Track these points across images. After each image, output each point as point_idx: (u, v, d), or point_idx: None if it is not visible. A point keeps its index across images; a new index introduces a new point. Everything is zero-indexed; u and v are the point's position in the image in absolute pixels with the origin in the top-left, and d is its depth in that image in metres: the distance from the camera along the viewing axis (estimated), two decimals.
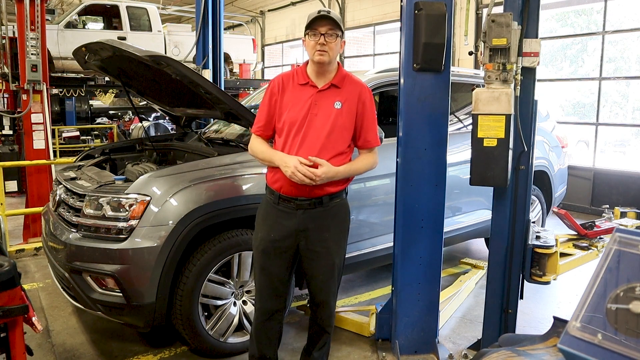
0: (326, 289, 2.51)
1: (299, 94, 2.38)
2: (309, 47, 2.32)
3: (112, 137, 12.40)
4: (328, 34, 2.28)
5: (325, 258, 2.45)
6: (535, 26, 2.59)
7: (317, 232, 2.42)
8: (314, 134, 2.33)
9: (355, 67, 13.44)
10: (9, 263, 1.81)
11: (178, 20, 18.44)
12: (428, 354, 3.03)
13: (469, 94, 2.78)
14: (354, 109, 2.39)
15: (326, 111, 2.35)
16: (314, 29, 2.29)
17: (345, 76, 2.42)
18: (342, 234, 2.53)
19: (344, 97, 2.38)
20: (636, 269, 1.10)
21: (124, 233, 2.76)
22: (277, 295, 2.52)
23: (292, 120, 2.36)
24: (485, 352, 1.44)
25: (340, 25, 2.32)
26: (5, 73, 6.91)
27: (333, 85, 2.38)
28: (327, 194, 2.40)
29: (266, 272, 2.47)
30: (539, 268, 2.91)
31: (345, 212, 2.54)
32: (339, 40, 2.33)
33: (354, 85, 2.42)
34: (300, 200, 2.38)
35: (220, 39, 5.61)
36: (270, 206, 2.46)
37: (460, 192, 4.14)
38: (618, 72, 11.17)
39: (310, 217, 2.40)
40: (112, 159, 4.15)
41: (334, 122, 2.34)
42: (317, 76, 2.39)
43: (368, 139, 2.46)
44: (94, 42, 3.31)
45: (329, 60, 2.32)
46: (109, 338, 3.32)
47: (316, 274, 2.48)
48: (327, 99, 2.37)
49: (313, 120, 2.34)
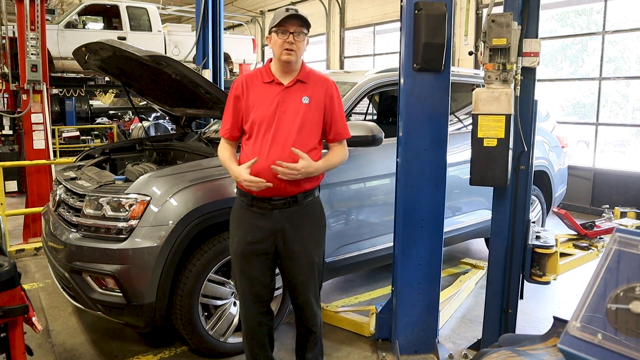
0: (306, 289, 2.46)
1: (265, 93, 2.35)
2: (276, 45, 2.29)
3: (112, 137, 12.39)
4: (297, 32, 2.26)
5: (304, 257, 2.41)
6: (535, 26, 2.59)
7: (294, 231, 2.39)
8: (284, 130, 2.29)
9: (355, 67, 13.42)
10: (9, 263, 1.81)
11: (178, 20, 18.43)
12: (428, 354, 3.03)
13: (469, 94, 2.78)
14: (322, 103, 2.37)
15: (295, 107, 2.33)
16: (283, 27, 2.26)
17: (309, 72, 2.41)
18: (319, 232, 2.49)
19: (310, 92, 2.36)
20: (636, 269, 1.10)
21: (124, 233, 2.76)
22: (261, 299, 2.48)
23: (260, 118, 2.32)
24: (485, 352, 1.44)
25: (308, 24, 2.30)
26: (5, 73, 6.91)
27: (299, 81, 2.36)
28: (302, 192, 2.37)
29: (246, 276, 2.44)
30: (539, 268, 2.91)
31: (320, 209, 2.51)
32: (305, 40, 2.32)
33: (320, 80, 2.40)
34: (276, 200, 2.35)
35: (220, 39, 5.61)
36: (243, 209, 2.42)
37: (460, 192, 4.14)
38: (618, 72, 11.16)
39: (286, 217, 2.37)
40: (112, 159, 4.15)
41: (304, 117, 2.32)
42: (282, 74, 2.36)
43: (339, 132, 2.43)
44: (94, 42, 3.31)
45: (296, 59, 2.31)
46: (109, 338, 3.32)
47: (296, 273, 2.43)
48: (295, 95, 2.34)
49: (282, 117, 2.31)
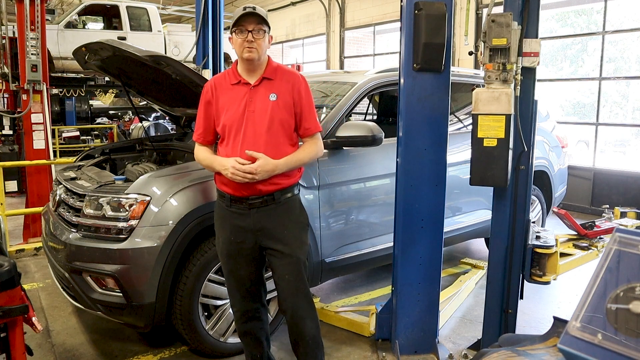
0: (296, 290, 2.40)
1: (234, 94, 2.36)
2: (237, 45, 2.29)
3: (112, 137, 12.40)
4: (255, 30, 2.26)
5: (288, 255, 2.39)
6: (535, 26, 2.59)
7: (275, 229, 2.37)
8: (253, 130, 2.29)
9: (355, 67, 13.42)
10: (9, 263, 1.81)
11: (178, 20, 18.43)
12: (428, 354, 3.03)
13: (469, 94, 2.78)
14: (290, 99, 2.35)
15: (262, 105, 2.32)
16: (241, 25, 2.27)
17: (276, 68, 2.39)
18: (300, 229, 2.45)
19: (277, 89, 2.35)
20: (636, 269, 1.10)
21: (124, 233, 2.76)
22: (251, 294, 2.49)
23: (230, 121, 2.32)
24: (485, 352, 1.44)
25: (267, 20, 2.30)
26: (5, 73, 6.91)
27: (265, 79, 2.35)
28: (278, 189, 2.36)
29: (235, 275, 2.45)
30: (539, 268, 2.91)
31: (300, 206, 2.48)
32: (266, 36, 2.31)
33: (287, 75, 2.39)
34: (252, 199, 2.34)
35: (220, 39, 5.60)
36: (223, 209, 2.43)
37: (460, 192, 4.14)
38: (618, 72, 11.17)
39: (264, 215, 2.36)
40: (112, 159, 4.15)
41: (272, 114, 2.31)
42: (248, 73, 2.36)
43: (307, 127, 2.40)
44: (94, 42, 3.31)
45: (258, 56, 2.30)
46: (109, 338, 3.32)
47: (283, 273, 2.40)
48: (262, 93, 2.33)
49: (251, 117, 2.30)
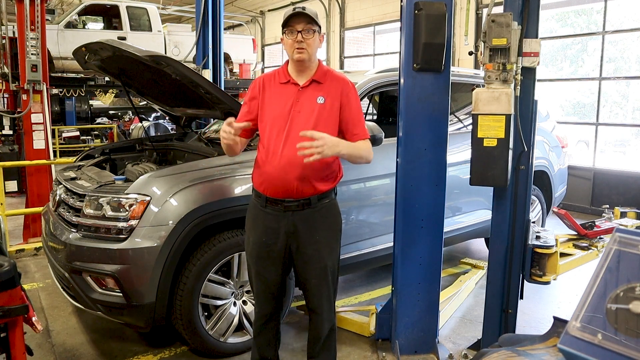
0: (319, 293, 2.43)
1: (281, 93, 2.35)
2: (288, 45, 2.28)
3: (112, 137, 12.40)
4: (305, 30, 2.25)
5: (317, 261, 2.39)
6: (535, 26, 2.59)
7: (307, 234, 2.36)
8: (297, 130, 2.25)
9: (355, 67, 13.41)
10: (9, 263, 1.81)
11: (178, 20, 18.42)
12: (428, 354, 3.03)
13: (469, 94, 2.78)
14: (338, 103, 2.34)
15: (309, 107, 2.31)
16: (291, 26, 2.25)
17: (327, 72, 2.39)
18: (333, 236, 2.46)
19: (326, 92, 2.33)
20: (636, 269, 1.10)
21: (124, 233, 2.76)
22: (274, 298, 2.49)
23: (274, 118, 2.32)
24: (485, 352, 1.44)
25: (317, 20, 2.28)
26: (5, 73, 6.92)
27: (314, 81, 2.34)
28: (315, 194, 2.35)
29: (262, 278, 2.44)
30: (539, 268, 2.91)
31: (336, 213, 2.47)
32: (316, 36, 2.29)
33: (337, 80, 2.38)
34: (288, 202, 2.33)
35: (220, 39, 5.61)
36: (258, 209, 2.42)
37: (460, 192, 4.14)
38: (618, 72, 11.17)
39: (299, 219, 2.35)
40: (112, 159, 4.15)
41: (318, 116, 2.30)
42: (298, 74, 2.35)
43: (356, 132, 2.37)
44: (94, 42, 3.31)
45: (309, 57, 2.29)
46: (109, 338, 3.32)
47: (309, 277, 2.42)
48: (310, 95, 2.33)
49: (296, 117, 2.30)
